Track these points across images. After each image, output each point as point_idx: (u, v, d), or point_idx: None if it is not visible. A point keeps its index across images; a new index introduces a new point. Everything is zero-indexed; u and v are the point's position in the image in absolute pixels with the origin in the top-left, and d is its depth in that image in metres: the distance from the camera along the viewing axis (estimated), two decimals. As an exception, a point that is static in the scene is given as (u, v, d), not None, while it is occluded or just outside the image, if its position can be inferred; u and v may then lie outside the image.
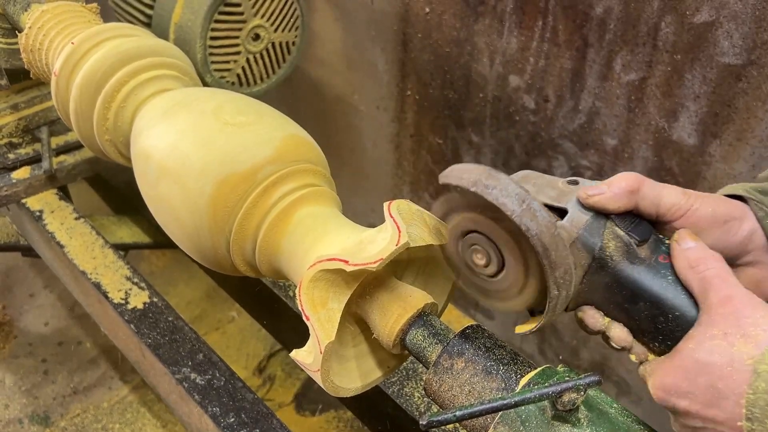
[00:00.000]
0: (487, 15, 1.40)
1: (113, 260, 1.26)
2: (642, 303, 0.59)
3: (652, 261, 0.59)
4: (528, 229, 0.54)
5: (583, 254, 0.60)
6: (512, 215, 0.55)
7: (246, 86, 1.48)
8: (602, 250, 0.60)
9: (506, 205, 0.55)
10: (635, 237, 0.59)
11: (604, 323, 0.61)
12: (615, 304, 0.60)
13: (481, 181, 0.56)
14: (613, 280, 0.60)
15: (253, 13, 1.39)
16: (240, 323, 2.02)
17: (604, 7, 1.20)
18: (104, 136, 1.00)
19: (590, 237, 0.60)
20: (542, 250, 0.55)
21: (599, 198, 0.60)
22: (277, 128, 0.85)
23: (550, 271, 0.56)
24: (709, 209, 0.60)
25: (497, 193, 0.55)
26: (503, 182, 0.56)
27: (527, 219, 0.54)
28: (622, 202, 0.60)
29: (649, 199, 0.60)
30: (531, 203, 0.55)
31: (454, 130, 1.62)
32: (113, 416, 1.78)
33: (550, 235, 0.55)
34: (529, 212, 0.55)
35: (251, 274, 0.85)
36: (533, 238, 0.55)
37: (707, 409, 0.53)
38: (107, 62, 0.97)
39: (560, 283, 0.57)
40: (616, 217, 0.61)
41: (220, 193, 0.79)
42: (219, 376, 1.07)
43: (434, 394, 0.64)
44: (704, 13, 1.08)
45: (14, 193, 1.38)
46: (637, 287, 0.59)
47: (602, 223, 0.60)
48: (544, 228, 0.55)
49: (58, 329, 1.99)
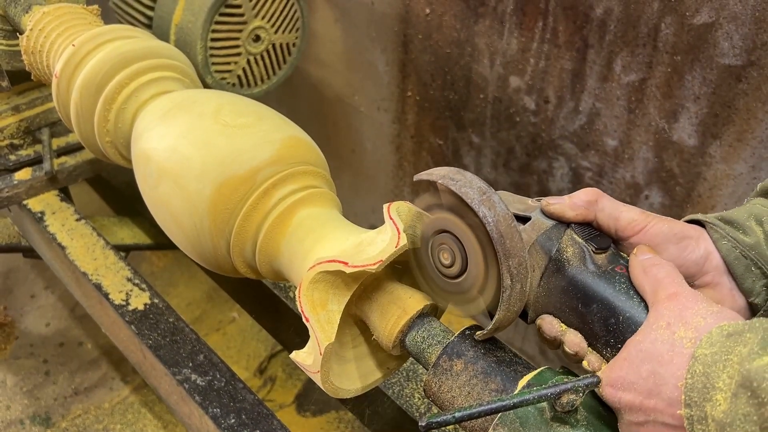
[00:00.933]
0: (488, 16, 1.40)
1: (114, 261, 1.26)
2: (595, 305, 0.60)
3: (608, 269, 0.62)
4: (485, 215, 0.57)
5: (541, 256, 0.62)
6: (471, 203, 0.57)
7: (247, 87, 1.48)
8: (559, 253, 0.62)
9: (468, 194, 0.58)
10: (593, 245, 0.62)
11: (561, 329, 0.62)
12: (570, 308, 0.62)
13: (448, 175, 0.60)
14: (569, 283, 0.62)
15: (254, 14, 1.39)
16: (241, 324, 2.02)
17: (605, 8, 1.20)
18: (105, 137, 1.00)
19: (548, 240, 0.63)
20: (497, 237, 0.57)
21: (559, 206, 0.63)
22: (277, 130, 0.85)
23: (503, 259, 0.57)
24: (665, 226, 0.63)
25: (461, 185, 0.59)
26: (468, 177, 0.59)
27: (485, 207, 0.57)
28: (580, 210, 0.63)
29: (607, 211, 0.63)
30: (491, 195, 0.58)
31: (454, 131, 1.62)
32: (114, 417, 1.78)
33: (506, 225, 0.57)
34: (489, 202, 0.58)
35: (251, 275, 0.86)
36: (489, 224, 0.57)
37: (648, 399, 0.53)
38: (108, 64, 0.97)
39: (514, 273, 0.58)
40: (576, 227, 0.63)
41: (220, 195, 0.79)
42: (219, 377, 1.07)
43: (434, 395, 0.64)
44: (704, 14, 1.08)
45: (15, 194, 1.38)
46: (591, 290, 0.61)
47: (562, 230, 0.63)
48: (501, 218, 0.57)
49: (59, 330, 1.99)
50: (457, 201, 0.59)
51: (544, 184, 1.50)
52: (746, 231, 0.63)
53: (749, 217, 0.64)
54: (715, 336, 0.51)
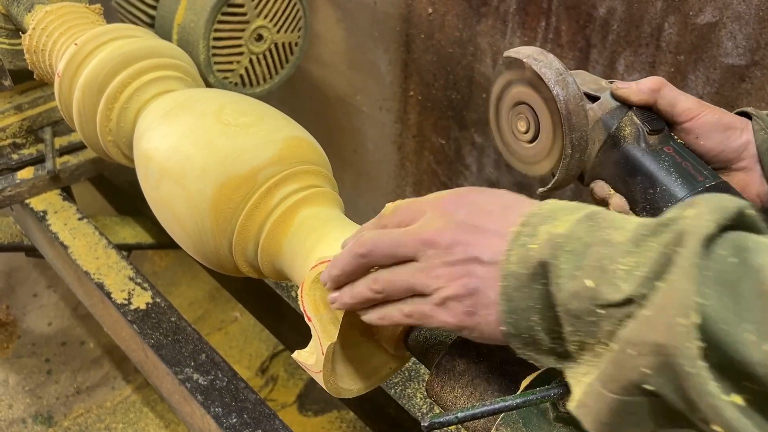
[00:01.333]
0: (490, 16, 1.40)
1: (116, 261, 1.26)
2: (639, 176, 0.70)
3: (657, 148, 0.71)
4: (557, 94, 0.68)
5: (602, 132, 0.72)
6: (548, 82, 0.68)
7: (249, 87, 1.48)
8: (618, 130, 0.71)
9: (546, 74, 0.68)
10: (648, 126, 0.71)
11: (609, 192, 0.73)
12: (619, 177, 0.72)
13: (532, 55, 0.70)
14: (621, 156, 0.72)
15: (256, 13, 1.39)
16: (242, 324, 2.02)
17: (607, 7, 1.20)
18: (107, 137, 1.00)
19: (611, 119, 0.72)
20: (565, 113, 0.68)
21: (625, 90, 0.72)
22: (280, 129, 0.85)
23: (568, 131, 0.68)
24: (716, 117, 0.71)
25: (541, 66, 0.69)
26: (549, 59, 0.69)
27: (559, 87, 0.68)
28: (643, 96, 0.71)
29: (667, 99, 0.71)
30: (566, 77, 0.68)
31: (457, 131, 1.62)
32: (116, 416, 1.78)
33: (575, 104, 0.68)
34: (563, 82, 0.68)
35: (254, 275, 0.86)
36: (560, 102, 0.68)
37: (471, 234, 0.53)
38: (110, 63, 0.97)
39: (575, 144, 0.70)
40: (637, 110, 0.72)
41: (221, 195, 0.79)
42: (221, 376, 1.07)
43: (436, 395, 0.64)
44: (707, 13, 1.08)
45: (18, 193, 1.38)
46: (639, 164, 0.71)
47: (624, 112, 0.72)
48: (571, 97, 0.68)
49: (61, 329, 1.99)
50: (537, 77, 0.69)
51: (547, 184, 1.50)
52: None
53: None
54: None
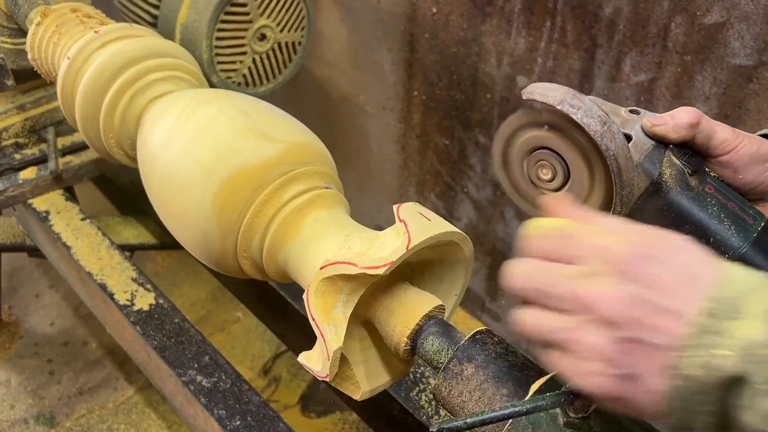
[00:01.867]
0: (495, 15, 1.39)
1: (119, 261, 1.26)
2: (688, 227, 0.65)
3: (700, 190, 0.65)
4: (607, 149, 0.60)
5: (643, 178, 0.65)
6: (594, 135, 0.60)
7: (252, 86, 1.47)
8: (660, 176, 0.65)
9: (590, 125, 0.60)
10: (689, 167, 0.65)
11: None
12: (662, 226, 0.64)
13: (566, 100, 0.61)
14: (665, 204, 0.65)
15: (260, 13, 1.39)
16: (245, 324, 2.02)
17: (614, 7, 1.19)
18: (110, 138, 1.00)
19: (651, 163, 0.65)
20: (616, 170, 0.61)
21: (663, 128, 0.65)
22: (286, 130, 0.85)
23: (618, 189, 0.62)
24: (754, 148, 0.67)
25: (582, 114, 0.60)
26: (587, 104, 0.61)
27: (607, 140, 0.60)
28: (682, 133, 0.65)
29: (705, 133, 0.66)
30: (611, 125, 0.61)
31: (461, 131, 1.62)
32: (118, 417, 1.78)
33: (624, 157, 0.61)
34: (610, 134, 0.60)
35: (258, 276, 0.85)
36: (611, 158, 0.60)
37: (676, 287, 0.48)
38: (113, 64, 0.96)
39: (625, 201, 0.63)
40: (674, 147, 0.66)
41: (226, 195, 0.78)
42: (225, 378, 1.06)
43: (443, 400, 0.63)
44: (715, 13, 1.07)
45: (20, 193, 1.38)
46: (686, 213, 0.65)
47: (662, 152, 0.66)
48: (620, 150, 0.61)
49: (63, 329, 1.99)
50: (569, 123, 0.61)
51: None
52: None
53: None
54: None
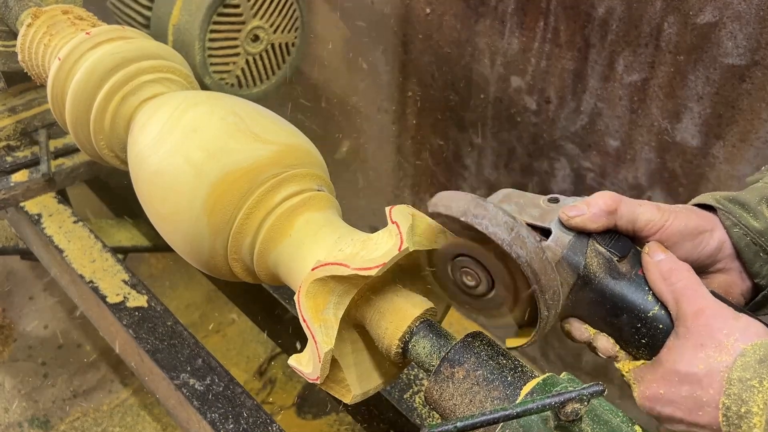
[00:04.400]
0: (488, 16, 1.39)
1: (112, 264, 1.25)
2: (625, 315, 0.62)
3: (632, 275, 0.63)
4: (519, 256, 0.56)
5: (568, 273, 0.63)
6: (502, 244, 0.56)
7: (245, 88, 1.47)
8: (586, 268, 0.62)
9: (497, 234, 0.56)
10: (616, 253, 0.63)
11: (590, 335, 0.65)
12: (600, 318, 0.64)
13: (470, 210, 0.58)
14: (598, 295, 0.63)
15: (252, 14, 1.38)
16: (240, 326, 2.01)
17: (606, 7, 1.19)
18: (101, 140, 0.99)
19: (574, 256, 0.63)
20: (532, 276, 0.57)
21: (580, 219, 0.63)
22: (277, 132, 0.84)
23: (540, 294, 0.58)
24: (682, 224, 0.64)
25: (487, 223, 0.57)
26: (491, 212, 0.57)
27: (517, 247, 0.56)
28: (601, 222, 0.63)
29: (626, 217, 0.64)
30: (519, 230, 0.57)
31: (455, 132, 1.61)
32: (113, 419, 1.77)
33: (539, 261, 0.57)
34: (519, 240, 0.57)
35: (249, 279, 0.84)
36: (524, 265, 0.56)
37: (690, 415, 0.57)
38: (104, 65, 0.96)
39: (550, 304, 0.59)
40: (597, 235, 0.64)
41: (217, 196, 0.78)
42: (218, 381, 1.06)
43: (435, 403, 0.63)
44: (708, 13, 1.07)
45: (12, 196, 1.37)
46: (620, 301, 0.62)
47: (584, 242, 0.63)
48: (534, 254, 0.57)
49: (57, 332, 1.98)
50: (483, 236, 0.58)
51: (546, 185, 1.49)
52: (756, 215, 0.65)
53: (760, 201, 0.66)
54: (749, 359, 0.55)
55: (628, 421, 0.58)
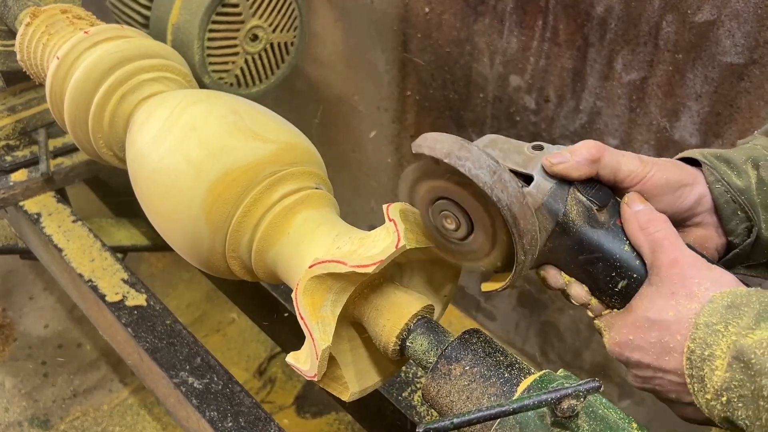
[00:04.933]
0: (488, 15, 1.39)
1: (111, 263, 1.25)
2: (600, 264, 0.63)
3: (610, 224, 0.64)
4: (499, 200, 0.57)
5: (548, 219, 0.63)
6: (484, 187, 0.56)
7: (245, 87, 1.47)
8: (565, 215, 0.62)
9: (479, 176, 0.57)
10: (596, 203, 0.63)
11: (564, 282, 0.66)
12: (576, 265, 0.64)
13: (453, 152, 0.58)
14: (575, 243, 0.63)
15: (251, 13, 1.38)
16: (240, 325, 2.01)
17: (605, 6, 1.19)
18: (99, 139, 0.99)
19: (554, 203, 0.62)
20: (512, 220, 0.57)
21: (563, 166, 0.63)
22: (276, 130, 0.84)
23: (518, 238, 0.59)
24: (663, 177, 0.64)
25: (470, 165, 0.57)
26: (475, 154, 0.57)
27: (498, 190, 0.57)
28: (584, 170, 0.63)
29: (609, 167, 0.64)
30: (501, 174, 0.57)
31: (454, 131, 1.61)
32: (113, 419, 1.77)
33: (519, 205, 0.58)
34: (500, 183, 0.57)
35: (247, 277, 0.85)
36: (503, 209, 0.57)
37: (657, 360, 0.59)
38: (102, 64, 0.96)
39: (527, 249, 0.60)
40: (578, 184, 0.64)
41: (216, 194, 0.78)
42: (217, 380, 1.06)
43: (432, 400, 0.63)
44: (706, 11, 1.07)
45: (12, 195, 1.37)
46: (597, 250, 0.63)
47: (565, 190, 0.63)
48: (514, 199, 0.57)
49: (57, 332, 1.98)
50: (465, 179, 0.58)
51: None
52: (740, 173, 0.66)
53: (747, 160, 0.67)
54: (717, 305, 0.56)
55: (625, 417, 0.58)
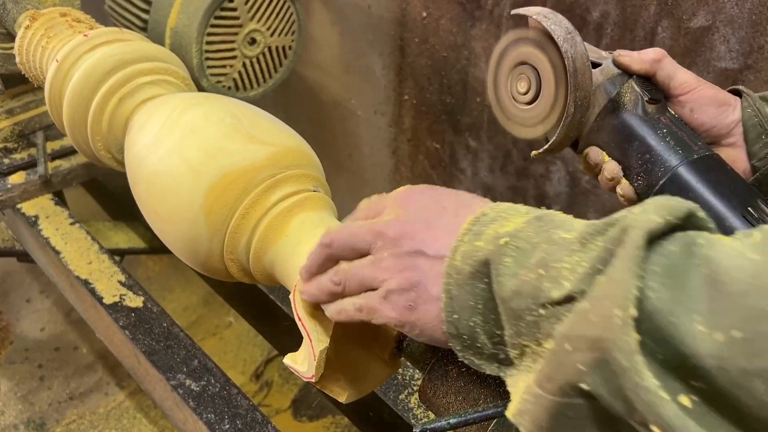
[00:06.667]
0: (484, 20, 1.40)
1: (108, 266, 1.26)
2: (636, 143, 0.71)
3: (654, 117, 0.72)
4: (566, 50, 0.66)
5: (603, 97, 0.72)
6: (557, 38, 0.66)
7: (242, 91, 1.47)
8: (618, 96, 0.72)
9: (555, 31, 0.66)
10: (647, 95, 0.72)
11: (603, 158, 0.74)
12: (615, 143, 0.73)
13: (542, 13, 0.68)
14: (620, 122, 0.72)
15: (250, 17, 1.39)
16: (237, 329, 2.01)
17: (601, 11, 1.20)
18: (98, 141, 1.00)
19: (612, 85, 0.72)
20: (572, 70, 0.66)
21: (627, 58, 0.73)
22: (274, 133, 0.85)
23: (572, 89, 0.67)
24: (711, 92, 0.73)
25: (551, 22, 0.67)
26: (559, 18, 0.67)
27: (568, 44, 0.66)
28: (645, 66, 0.72)
29: (666, 71, 0.73)
30: (575, 36, 0.67)
31: (451, 135, 1.62)
32: (109, 422, 1.77)
33: (581, 62, 0.67)
34: (572, 41, 0.67)
35: (245, 279, 0.85)
36: (568, 59, 0.66)
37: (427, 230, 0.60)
38: (101, 67, 0.96)
39: (578, 104, 0.68)
40: (637, 78, 0.73)
41: (215, 196, 0.78)
42: (214, 382, 1.06)
43: (429, 401, 0.64)
44: (701, 17, 1.08)
45: (9, 198, 1.37)
46: (636, 131, 0.71)
47: (625, 79, 0.73)
48: (579, 55, 0.67)
49: (54, 335, 1.98)
50: (544, 36, 0.67)
51: (542, 188, 1.50)
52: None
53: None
54: None
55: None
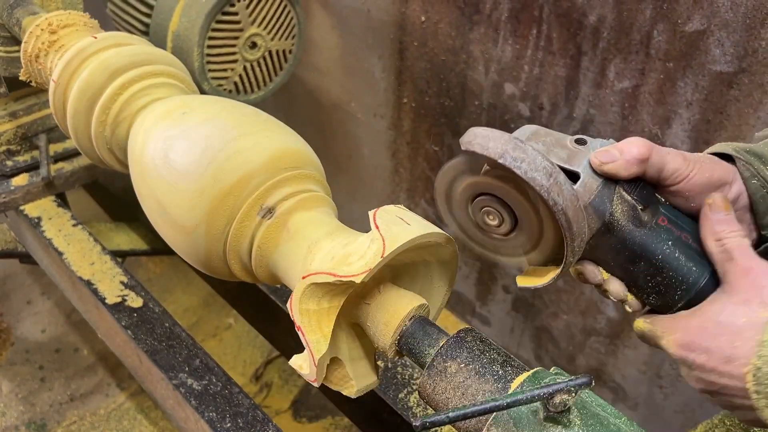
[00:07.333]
0: (483, 24, 1.41)
1: (111, 266, 1.27)
2: (642, 263, 0.64)
3: (652, 224, 0.64)
4: (555, 203, 0.58)
5: (594, 219, 0.63)
6: (540, 190, 0.57)
7: (243, 94, 1.49)
8: (612, 215, 0.63)
9: (535, 179, 0.58)
10: (641, 202, 0.64)
11: (602, 278, 0.67)
12: (616, 264, 0.65)
13: (508, 152, 0.58)
14: (618, 242, 0.64)
15: (250, 21, 1.40)
16: (237, 330, 2.02)
17: (598, 15, 1.21)
18: (102, 144, 1.01)
19: (601, 203, 0.63)
20: (566, 224, 0.59)
21: (612, 166, 0.63)
22: (274, 135, 0.86)
23: (569, 241, 0.60)
24: (706, 175, 0.66)
25: (526, 167, 0.58)
26: (530, 155, 0.58)
27: (555, 194, 0.58)
28: (633, 170, 0.63)
29: (655, 166, 0.64)
30: (558, 177, 0.58)
31: (450, 138, 1.63)
32: (110, 423, 1.78)
33: (574, 209, 0.59)
34: (557, 186, 0.58)
35: (248, 279, 0.86)
36: (559, 212, 0.58)
37: (724, 365, 0.59)
38: (104, 71, 0.97)
39: (576, 251, 0.61)
40: (623, 182, 0.64)
41: (216, 198, 0.79)
42: (216, 381, 1.07)
43: (428, 397, 0.65)
44: (696, 21, 1.09)
45: (12, 200, 1.38)
46: (640, 249, 0.64)
47: (612, 189, 0.64)
48: (569, 203, 0.59)
49: (55, 336, 1.99)
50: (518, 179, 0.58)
51: None
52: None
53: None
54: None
55: (617, 414, 0.59)
